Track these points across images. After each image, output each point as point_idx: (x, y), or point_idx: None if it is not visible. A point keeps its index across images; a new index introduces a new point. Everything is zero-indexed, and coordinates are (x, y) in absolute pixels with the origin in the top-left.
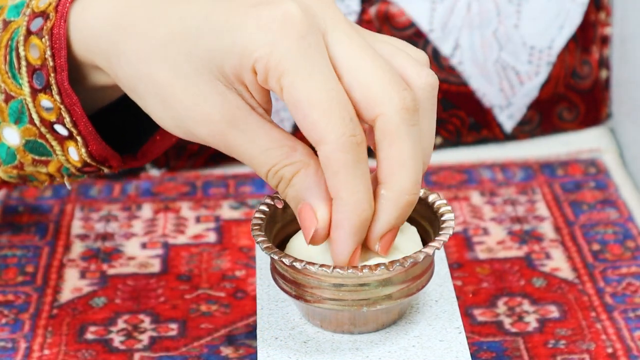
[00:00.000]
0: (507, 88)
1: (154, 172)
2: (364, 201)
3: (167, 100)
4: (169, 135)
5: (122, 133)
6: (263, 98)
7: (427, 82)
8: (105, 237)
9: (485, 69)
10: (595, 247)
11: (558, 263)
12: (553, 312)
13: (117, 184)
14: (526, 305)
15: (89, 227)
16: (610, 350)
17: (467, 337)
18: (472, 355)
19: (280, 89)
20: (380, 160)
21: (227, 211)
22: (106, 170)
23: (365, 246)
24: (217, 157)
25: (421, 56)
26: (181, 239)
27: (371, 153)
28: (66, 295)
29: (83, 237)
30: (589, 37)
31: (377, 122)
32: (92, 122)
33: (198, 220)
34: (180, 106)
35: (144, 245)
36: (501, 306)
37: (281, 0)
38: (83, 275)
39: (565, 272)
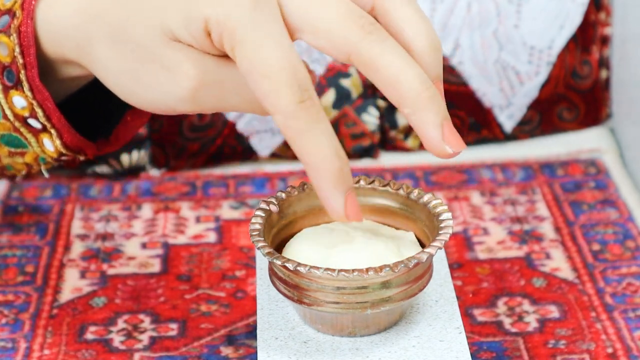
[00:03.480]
0: (507, 88)
1: (154, 172)
2: (329, 156)
3: (139, 79)
4: (140, 115)
5: (92, 117)
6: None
7: None
8: (105, 237)
9: (485, 69)
10: (595, 247)
11: (558, 263)
12: (553, 312)
13: (117, 184)
14: (526, 305)
15: (89, 227)
16: (610, 350)
17: (467, 337)
18: (472, 355)
19: (235, 58)
20: (399, 32)
21: (227, 211)
22: (82, 158)
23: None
24: (217, 157)
25: None
26: (181, 239)
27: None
28: (66, 295)
29: (83, 237)
30: (589, 37)
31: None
32: (63, 108)
33: (198, 220)
34: (150, 78)
35: (144, 245)
36: (501, 306)
37: None
38: (83, 275)
39: (565, 272)
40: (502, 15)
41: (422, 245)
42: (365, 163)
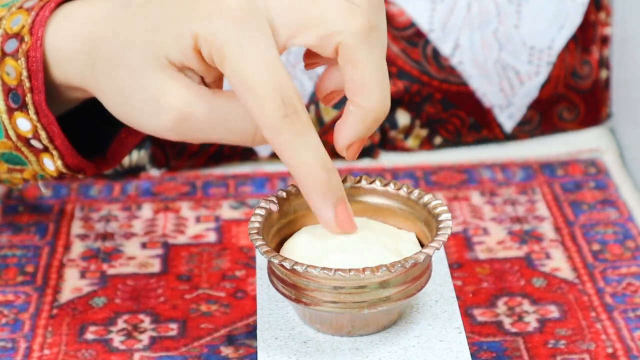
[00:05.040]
0: (507, 88)
1: (154, 172)
2: (314, 168)
3: (129, 101)
4: (134, 133)
5: (88, 133)
6: (212, 79)
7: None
8: (105, 237)
9: (485, 69)
10: (595, 247)
11: (558, 263)
12: (553, 312)
13: (117, 184)
14: (526, 305)
15: (89, 227)
16: (610, 350)
17: (467, 337)
18: (472, 355)
19: (224, 73)
20: (346, 82)
21: (227, 211)
22: (80, 177)
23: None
24: (217, 157)
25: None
26: (181, 239)
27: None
28: (66, 295)
29: (83, 237)
30: (589, 37)
31: (339, 51)
32: (60, 123)
33: (198, 220)
34: (140, 104)
35: (144, 245)
36: (501, 306)
37: None
38: (83, 275)
39: (565, 272)
40: (502, 15)
41: (423, 246)
42: (365, 163)
